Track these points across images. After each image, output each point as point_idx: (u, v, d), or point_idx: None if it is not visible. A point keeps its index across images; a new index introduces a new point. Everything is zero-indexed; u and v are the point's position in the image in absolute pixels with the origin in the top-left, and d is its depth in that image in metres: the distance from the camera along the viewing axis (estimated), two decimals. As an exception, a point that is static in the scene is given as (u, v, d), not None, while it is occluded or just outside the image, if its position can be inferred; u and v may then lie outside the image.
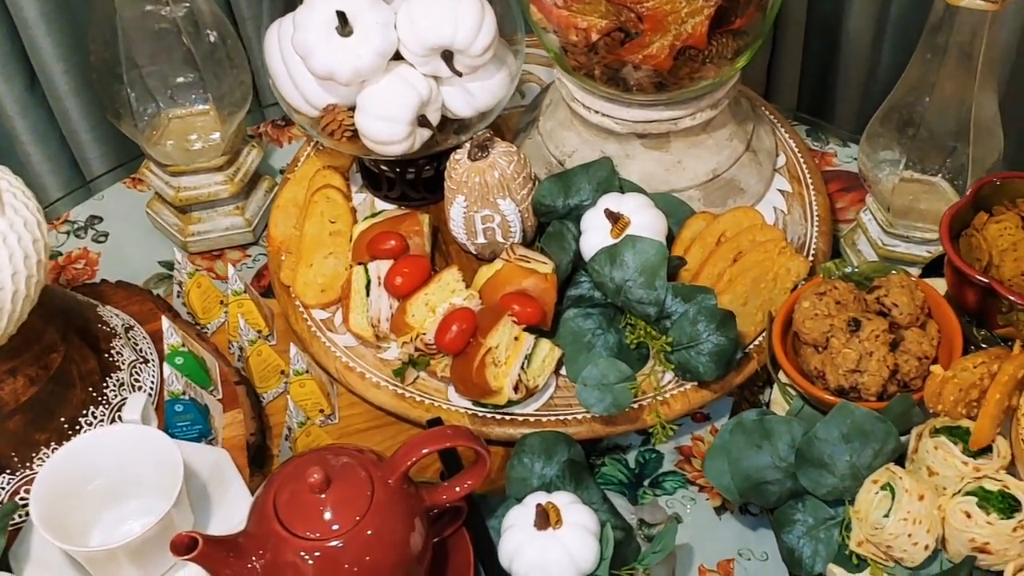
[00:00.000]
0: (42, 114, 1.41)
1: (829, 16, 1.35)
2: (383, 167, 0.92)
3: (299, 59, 0.82)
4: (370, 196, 0.94)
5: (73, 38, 1.33)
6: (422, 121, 0.84)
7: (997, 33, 0.80)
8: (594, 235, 0.84)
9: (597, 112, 0.88)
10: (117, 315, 0.83)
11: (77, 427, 0.77)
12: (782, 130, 0.98)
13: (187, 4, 0.86)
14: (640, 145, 0.89)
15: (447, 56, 0.81)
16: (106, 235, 1.00)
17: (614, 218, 0.83)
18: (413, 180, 0.92)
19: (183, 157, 0.92)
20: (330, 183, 0.92)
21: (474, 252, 0.89)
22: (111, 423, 0.78)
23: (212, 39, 0.89)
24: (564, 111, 0.92)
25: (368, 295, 0.84)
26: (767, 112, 0.99)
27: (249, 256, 0.98)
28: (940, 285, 0.83)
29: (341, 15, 0.78)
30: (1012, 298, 0.75)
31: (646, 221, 0.84)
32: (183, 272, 0.88)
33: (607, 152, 0.90)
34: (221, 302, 0.90)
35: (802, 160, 0.96)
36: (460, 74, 0.82)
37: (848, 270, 0.82)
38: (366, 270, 0.84)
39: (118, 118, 0.90)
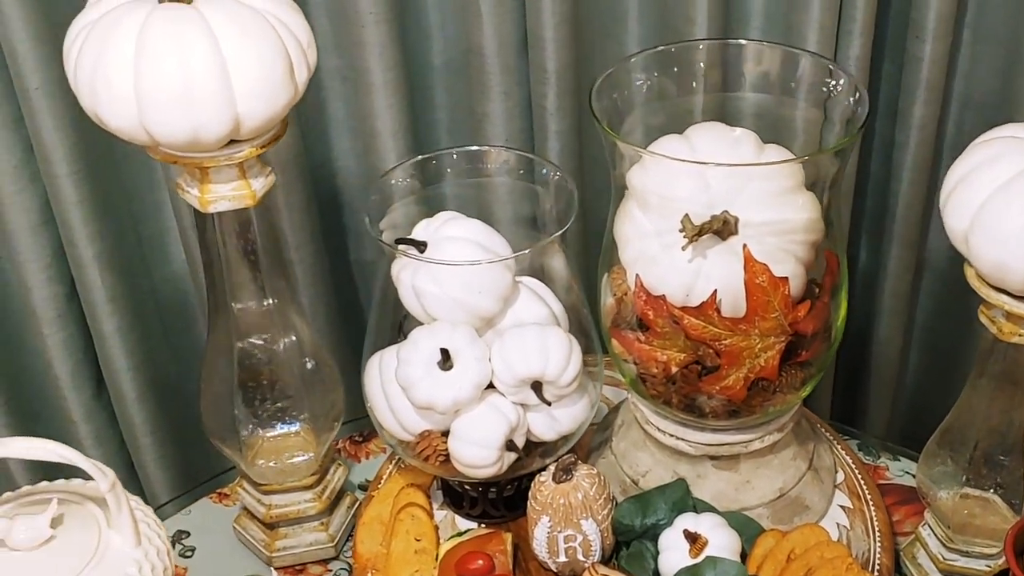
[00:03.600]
0: (105, 419, 1.47)
1: (860, 326, 1.44)
2: (467, 486, 0.97)
3: (398, 389, 0.88)
4: (451, 513, 0.99)
5: (144, 349, 1.41)
6: (510, 446, 0.89)
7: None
8: (672, 555, 0.89)
9: (672, 435, 0.94)
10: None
11: None
12: (838, 447, 1.04)
13: (293, 335, 0.93)
14: (712, 466, 0.95)
15: (536, 386, 0.88)
16: (193, 550, 1.03)
17: (692, 538, 0.88)
18: (495, 499, 0.97)
19: (276, 476, 0.97)
20: (414, 501, 0.97)
21: (555, 570, 0.93)
22: None
23: (310, 366, 0.95)
24: (637, 432, 0.98)
25: (458, 614, 0.87)
26: (824, 430, 1.05)
27: (330, 571, 1.01)
28: (1004, 601, 0.86)
29: (445, 352, 0.85)
30: (1084, 618, 0.79)
31: (722, 540, 0.89)
32: (275, 589, 0.92)
33: (680, 472, 0.95)
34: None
35: (859, 476, 1.01)
36: (549, 403, 0.88)
37: (915, 588, 0.86)
38: (456, 589, 0.88)
39: (223, 441, 0.96)
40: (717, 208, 0.83)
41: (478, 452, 0.88)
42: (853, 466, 1.02)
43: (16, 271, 1.35)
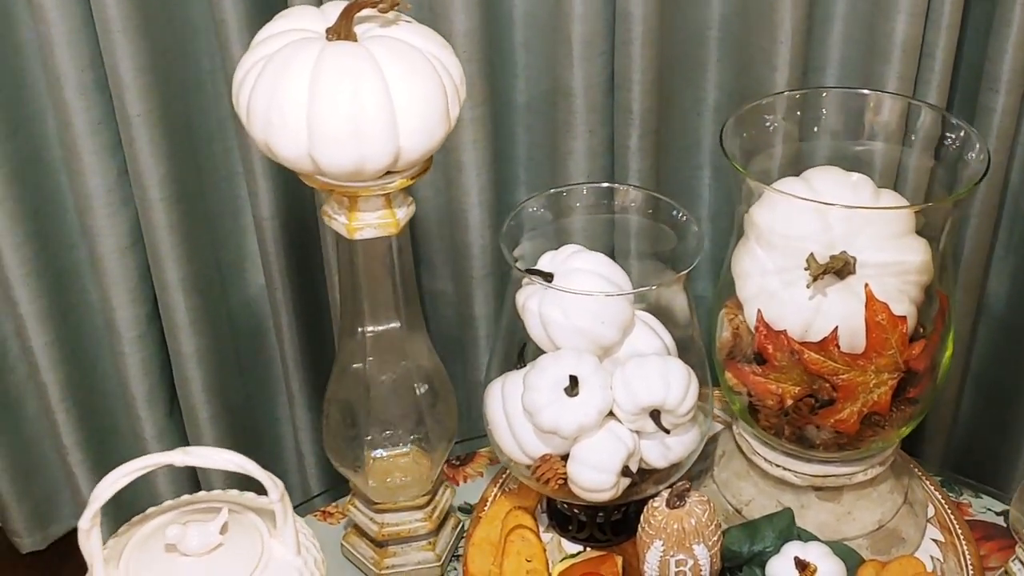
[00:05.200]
0: (176, 438, 1.50)
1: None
2: (576, 509, 1.00)
3: (520, 412, 0.92)
4: (557, 536, 1.02)
5: (219, 371, 1.44)
6: (625, 471, 0.93)
7: None
8: (781, 581, 0.92)
9: (779, 466, 0.97)
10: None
11: None
12: (927, 483, 1.07)
13: (416, 358, 0.96)
14: (815, 496, 0.98)
15: (655, 415, 0.91)
16: (301, 567, 1.06)
17: (802, 566, 0.91)
18: (602, 523, 1.00)
19: (392, 495, 1.00)
20: (523, 523, 1.00)
21: (664, 593, 0.96)
22: None
23: (428, 388, 0.98)
24: (739, 462, 1.01)
25: (577, 633, 0.90)
26: (914, 467, 1.09)
27: (435, 589, 1.05)
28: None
29: (574, 379, 0.89)
30: None
31: (829, 569, 0.92)
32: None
33: (783, 502, 0.99)
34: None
35: (949, 511, 1.05)
36: (668, 431, 0.92)
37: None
38: (575, 609, 0.91)
39: (341, 460, 0.99)
40: (836, 248, 0.87)
41: (597, 476, 0.92)
42: (943, 501, 1.06)
43: (101, 291, 1.38)
